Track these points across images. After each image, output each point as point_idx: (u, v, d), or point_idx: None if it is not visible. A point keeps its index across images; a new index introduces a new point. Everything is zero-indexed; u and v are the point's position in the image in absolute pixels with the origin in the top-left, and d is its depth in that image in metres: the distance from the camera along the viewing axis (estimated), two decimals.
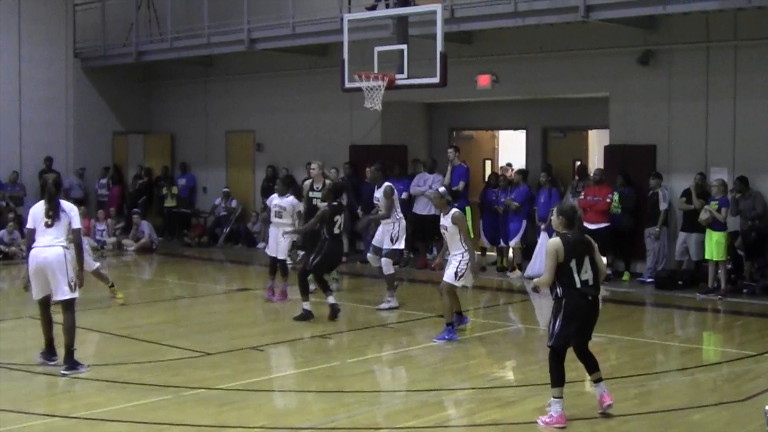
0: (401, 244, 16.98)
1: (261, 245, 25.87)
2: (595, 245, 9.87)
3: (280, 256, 17.36)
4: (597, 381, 9.95)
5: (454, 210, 13.96)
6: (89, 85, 29.24)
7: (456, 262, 13.69)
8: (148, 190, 28.74)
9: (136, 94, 30.40)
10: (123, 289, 20.13)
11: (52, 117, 28.38)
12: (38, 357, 12.27)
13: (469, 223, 20.42)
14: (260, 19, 24.39)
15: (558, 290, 9.62)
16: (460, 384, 11.63)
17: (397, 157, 23.31)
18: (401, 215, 17.03)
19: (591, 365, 9.94)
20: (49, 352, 12.23)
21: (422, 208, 21.37)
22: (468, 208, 20.64)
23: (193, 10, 26.51)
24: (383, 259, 16.74)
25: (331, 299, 15.33)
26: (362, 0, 21.81)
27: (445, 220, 13.89)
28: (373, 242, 17.26)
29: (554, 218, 9.95)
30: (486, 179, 23.00)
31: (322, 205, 16.08)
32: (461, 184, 20.77)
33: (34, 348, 12.82)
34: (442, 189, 14.33)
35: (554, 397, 9.68)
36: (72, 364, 11.76)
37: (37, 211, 11.89)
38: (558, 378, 9.70)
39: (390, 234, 16.73)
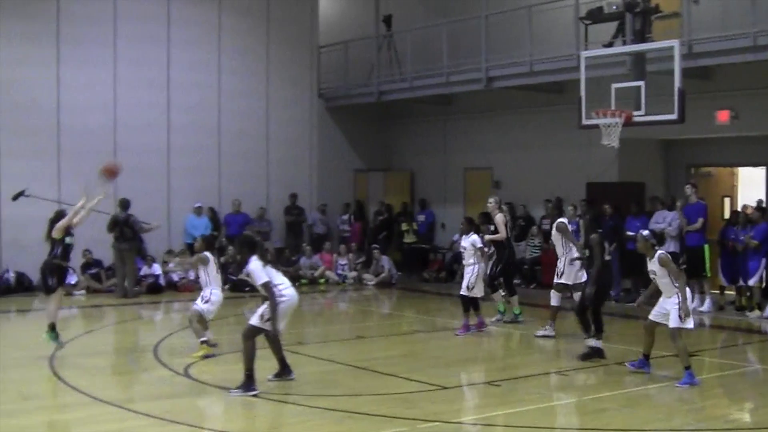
0: (568, 279, 17.31)
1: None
2: None
3: (461, 292, 17.93)
4: None
5: (659, 253, 13.57)
6: (332, 125, 30.22)
7: (676, 306, 13.43)
8: (388, 226, 29.33)
9: (377, 133, 31.18)
10: (362, 322, 20.67)
11: (297, 155, 29.44)
12: (272, 377, 13.18)
13: (707, 262, 20.17)
14: (498, 57, 24.68)
15: None
16: (696, 425, 11.44)
17: (634, 194, 23.13)
18: (570, 250, 17.30)
19: None
20: (286, 370, 13.23)
21: None
22: (706, 246, 20.37)
23: (432, 51, 27.04)
24: (552, 291, 17.64)
25: (594, 341, 15.17)
26: (599, 37, 21.79)
27: (653, 265, 13.58)
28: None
29: None
30: (725, 217, 22.55)
31: None
32: (700, 221, 20.46)
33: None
34: (646, 233, 14.02)
35: None
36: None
37: (261, 266, 12.77)
38: None
39: (557, 270, 17.47)
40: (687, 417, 11.86)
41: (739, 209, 21.95)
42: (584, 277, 17.38)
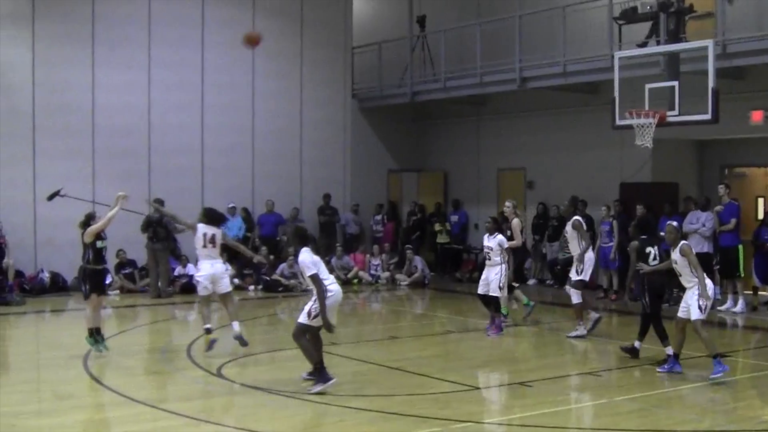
0: (586, 276, 17.57)
1: (532, 281, 26.19)
2: None
3: (492, 293, 17.91)
4: None
5: (683, 243, 13.90)
6: (365, 125, 30.25)
7: (696, 297, 13.51)
8: (421, 227, 29.37)
9: (410, 133, 31.20)
10: (395, 323, 20.67)
11: (330, 156, 29.51)
12: (306, 375, 13.14)
13: (741, 262, 20.08)
14: (531, 58, 24.67)
15: None
16: (728, 426, 11.42)
17: (668, 194, 23.07)
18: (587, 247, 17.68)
19: None
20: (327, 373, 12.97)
21: (694, 245, 20.85)
22: (740, 246, 20.28)
23: (466, 51, 27.06)
24: (570, 290, 17.64)
25: (669, 350, 14.69)
26: (633, 37, 21.75)
27: (675, 254, 13.80)
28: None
29: None
30: (759, 217, 22.43)
31: None
32: (732, 222, 20.36)
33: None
34: (675, 223, 14.26)
35: None
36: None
37: (311, 258, 12.68)
38: None
39: (575, 267, 17.53)
40: (719, 417, 11.85)
41: None
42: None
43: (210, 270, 15.66)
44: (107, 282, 23.25)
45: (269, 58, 28.14)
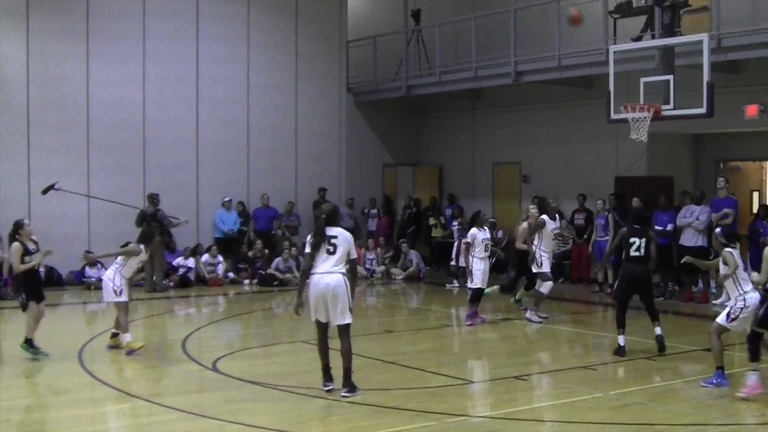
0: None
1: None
2: None
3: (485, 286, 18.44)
4: None
5: (725, 250, 13.13)
6: (361, 119, 30.24)
7: (731, 306, 13.27)
8: (416, 220, 29.35)
9: (406, 127, 31.19)
10: (390, 317, 20.65)
11: (326, 150, 29.48)
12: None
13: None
14: (526, 52, 24.66)
15: None
16: (724, 419, 11.40)
17: (663, 188, 23.07)
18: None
19: None
20: (326, 378, 12.53)
21: (689, 239, 20.98)
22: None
23: (461, 45, 27.07)
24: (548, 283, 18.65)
25: (621, 339, 14.97)
26: (627, 31, 21.74)
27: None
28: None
29: None
30: (753, 211, 22.44)
31: None
32: (731, 217, 20.35)
33: (306, 372, 13.42)
34: (718, 230, 14.02)
35: None
36: (352, 386, 12.20)
37: (310, 241, 12.36)
38: None
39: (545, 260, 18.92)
40: (716, 412, 11.81)
41: (767, 203, 21.82)
42: None
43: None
44: (102, 276, 23.39)
45: (264, 52, 28.15)
